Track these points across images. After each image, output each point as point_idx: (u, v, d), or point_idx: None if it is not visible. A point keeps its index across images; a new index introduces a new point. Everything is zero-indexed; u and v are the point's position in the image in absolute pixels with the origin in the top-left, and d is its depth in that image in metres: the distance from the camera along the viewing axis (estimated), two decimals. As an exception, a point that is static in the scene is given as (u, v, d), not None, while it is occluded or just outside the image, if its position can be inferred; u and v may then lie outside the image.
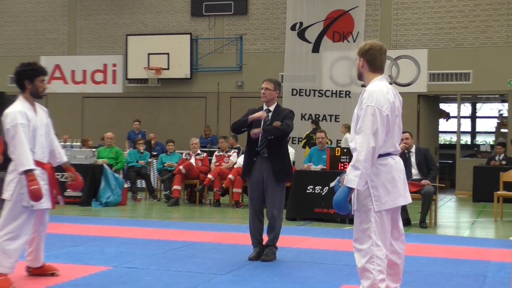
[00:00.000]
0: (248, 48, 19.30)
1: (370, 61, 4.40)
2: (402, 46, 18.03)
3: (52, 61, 20.59)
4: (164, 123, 19.75)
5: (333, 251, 7.64)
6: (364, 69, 4.42)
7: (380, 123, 4.19)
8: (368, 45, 4.43)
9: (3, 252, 5.37)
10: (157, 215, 11.97)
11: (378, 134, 4.17)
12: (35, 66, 5.69)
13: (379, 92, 4.25)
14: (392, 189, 4.28)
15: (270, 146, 6.98)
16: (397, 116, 4.35)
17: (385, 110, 4.22)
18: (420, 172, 10.51)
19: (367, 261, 4.24)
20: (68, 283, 5.69)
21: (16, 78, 5.66)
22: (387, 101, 4.25)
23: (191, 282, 5.82)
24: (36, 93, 5.63)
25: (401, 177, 4.37)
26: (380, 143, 4.20)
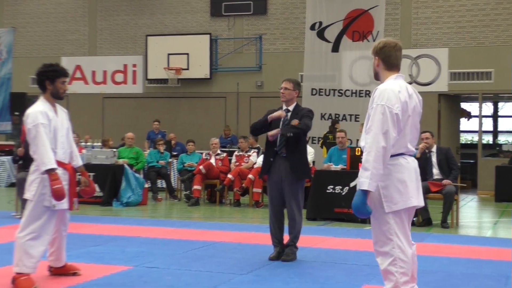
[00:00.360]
0: (267, 48, 19.30)
1: (384, 59, 4.32)
2: (423, 45, 17.92)
3: (73, 62, 20.72)
4: (184, 123, 19.79)
5: (353, 251, 7.61)
6: (380, 68, 4.34)
7: (390, 122, 4.10)
8: (382, 43, 4.36)
9: (25, 252, 5.39)
10: (178, 215, 11.99)
11: (388, 134, 4.08)
12: (56, 67, 5.71)
13: (390, 91, 4.17)
14: (404, 190, 4.19)
15: (288, 145, 6.97)
16: (410, 116, 4.23)
17: (396, 109, 4.12)
18: (441, 172, 10.44)
19: (390, 263, 4.19)
20: (90, 282, 5.72)
21: (38, 78, 5.69)
22: (398, 100, 4.15)
23: (211, 282, 5.82)
24: (57, 94, 5.64)
25: (413, 178, 4.27)
26: (391, 143, 4.11)
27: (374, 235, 4.29)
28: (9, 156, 16.77)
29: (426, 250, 7.73)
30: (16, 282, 5.39)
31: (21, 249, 5.41)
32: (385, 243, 4.20)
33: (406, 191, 4.20)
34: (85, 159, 13.14)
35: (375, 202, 4.20)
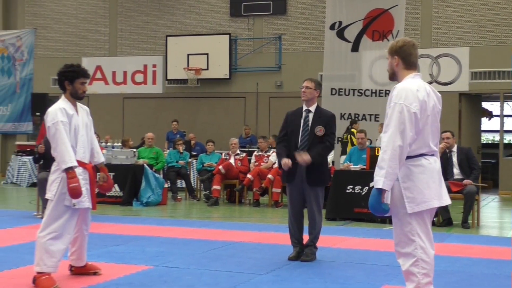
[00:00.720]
0: (287, 48, 19.28)
1: (405, 57, 4.30)
2: (443, 45, 17.81)
3: (93, 62, 20.85)
4: (203, 123, 19.82)
5: (373, 251, 7.58)
6: (399, 67, 4.31)
7: (408, 121, 4.07)
8: (401, 41, 4.33)
9: (46, 251, 5.40)
10: (197, 215, 12.01)
11: (406, 133, 4.05)
12: (76, 68, 5.73)
13: (408, 90, 4.14)
14: (426, 191, 4.15)
15: (310, 148, 6.94)
16: (429, 116, 4.20)
17: (414, 108, 4.10)
18: (462, 171, 10.40)
19: (412, 264, 4.16)
20: (110, 282, 5.72)
21: (58, 78, 5.74)
22: (417, 99, 4.12)
23: (231, 281, 5.81)
24: (76, 94, 5.65)
25: (435, 178, 4.22)
26: (408, 141, 4.07)
27: (395, 236, 4.26)
28: (31, 156, 16.88)
29: (447, 251, 7.69)
30: (37, 281, 5.42)
31: (42, 249, 5.42)
32: (407, 244, 4.18)
33: (428, 192, 4.17)
34: (106, 159, 13.21)
35: (396, 203, 4.19)
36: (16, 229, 9.11)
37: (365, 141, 12.21)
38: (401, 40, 4.37)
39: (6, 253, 7.07)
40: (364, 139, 12.14)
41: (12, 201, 14.73)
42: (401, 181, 4.15)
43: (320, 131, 6.90)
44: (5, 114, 20.24)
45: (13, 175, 17.69)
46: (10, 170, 17.96)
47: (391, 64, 4.34)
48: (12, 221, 10.00)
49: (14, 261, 6.56)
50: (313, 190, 6.94)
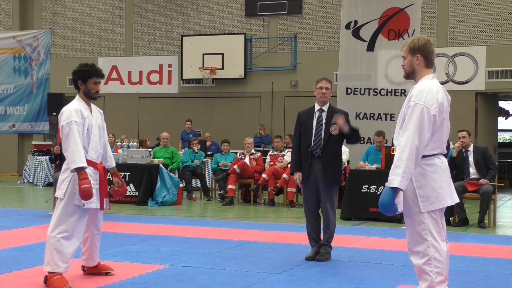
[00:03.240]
0: (302, 47, 19.25)
1: (427, 56, 4.29)
2: (460, 44, 17.70)
3: (109, 62, 20.95)
4: (219, 123, 19.85)
5: (389, 251, 7.56)
6: (420, 66, 4.29)
7: (427, 123, 4.09)
8: (422, 39, 4.31)
9: (57, 251, 5.38)
10: (212, 214, 12.03)
11: (423, 134, 4.08)
12: (89, 67, 5.70)
13: (429, 91, 4.15)
14: (439, 190, 4.19)
15: (325, 147, 6.93)
16: (445, 118, 4.23)
17: (433, 110, 4.12)
18: (478, 171, 10.34)
19: (425, 263, 4.16)
20: (126, 281, 5.73)
21: (72, 77, 5.75)
22: (436, 101, 4.14)
23: (246, 281, 5.82)
24: (88, 94, 5.64)
25: (447, 177, 4.27)
26: (424, 143, 4.10)
27: (408, 235, 4.27)
28: (47, 156, 16.97)
29: (463, 250, 7.65)
30: (49, 281, 5.41)
31: (52, 248, 5.39)
32: (419, 243, 4.19)
33: (442, 191, 4.20)
34: (121, 158, 13.28)
35: (409, 202, 4.20)
36: (33, 228, 9.14)
37: (383, 144, 12.12)
38: (421, 37, 4.35)
39: (23, 252, 7.11)
40: (382, 142, 12.08)
41: (29, 201, 14.82)
42: (415, 180, 4.16)
43: (335, 130, 6.88)
44: (22, 114, 20.34)
45: (30, 175, 17.82)
46: (26, 169, 18.10)
47: (410, 62, 4.31)
48: (28, 220, 10.06)
49: (30, 260, 6.59)
50: (327, 190, 6.93)
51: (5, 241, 7.84)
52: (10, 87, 20.32)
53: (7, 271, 6.04)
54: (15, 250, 7.24)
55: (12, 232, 8.75)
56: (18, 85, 20.24)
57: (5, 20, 22.17)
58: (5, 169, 20.39)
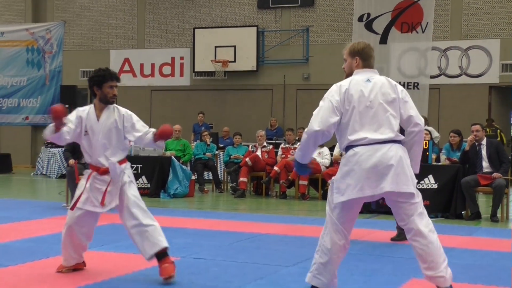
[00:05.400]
0: (314, 40, 19.20)
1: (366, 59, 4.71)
2: (473, 36, 17.61)
3: (121, 55, 21.02)
4: (230, 115, 19.84)
5: (401, 244, 7.51)
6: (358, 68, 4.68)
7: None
8: (362, 43, 4.78)
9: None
10: (224, 206, 12.02)
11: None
12: (103, 72, 5.62)
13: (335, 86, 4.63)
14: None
15: None
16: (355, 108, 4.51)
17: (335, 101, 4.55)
18: (491, 165, 10.27)
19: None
20: (138, 272, 5.76)
21: (88, 85, 5.68)
22: (338, 93, 4.59)
23: (257, 273, 5.81)
24: (105, 98, 5.57)
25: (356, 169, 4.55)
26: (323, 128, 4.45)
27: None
28: (60, 148, 17.03)
29: (475, 244, 7.62)
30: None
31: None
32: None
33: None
34: (133, 151, 13.31)
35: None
36: (46, 220, 9.19)
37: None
38: (361, 42, 4.83)
39: (37, 244, 7.14)
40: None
41: (42, 192, 14.90)
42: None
43: None
44: (35, 106, 20.47)
45: (43, 167, 17.91)
46: (40, 161, 18.18)
47: (350, 65, 4.74)
48: (41, 212, 10.10)
49: (44, 251, 6.63)
50: None
51: (19, 233, 7.88)
52: (23, 79, 20.48)
53: (21, 262, 6.08)
54: (29, 241, 7.28)
55: (26, 223, 8.80)
56: (31, 78, 20.39)
57: (18, 12, 22.24)
58: (18, 161, 20.50)
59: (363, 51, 4.67)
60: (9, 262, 6.09)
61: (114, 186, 5.49)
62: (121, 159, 5.62)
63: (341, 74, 16.52)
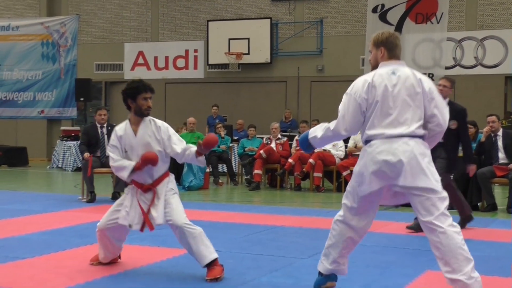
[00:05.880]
0: (328, 32, 19.11)
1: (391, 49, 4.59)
2: (489, 27, 17.47)
3: (135, 48, 21.04)
4: (245, 107, 19.81)
5: (416, 236, 7.48)
6: (384, 59, 4.54)
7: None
8: (386, 33, 4.63)
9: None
10: (239, 199, 12.02)
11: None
12: (136, 83, 5.50)
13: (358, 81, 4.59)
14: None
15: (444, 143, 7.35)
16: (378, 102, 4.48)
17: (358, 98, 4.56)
18: (507, 156, 10.24)
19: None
20: (153, 264, 5.78)
21: (122, 98, 5.56)
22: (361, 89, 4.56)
23: (272, 265, 5.81)
24: (140, 111, 5.45)
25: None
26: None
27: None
28: (75, 141, 17.12)
29: (491, 236, 7.58)
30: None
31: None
32: None
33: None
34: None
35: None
36: (62, 212, 9.23)
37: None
38: (386, 32, 4.68)
39: (53, 236, 7.19)
40: None
41: (58, 185, 14.95)
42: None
43: (453, 124, 7.24)
44: (50, 99, 20.56)
45: (59, 160, 17.96)
46: (55, 154, 18.24)
47: (375, 56, 4.60)
48: (57, 205, 10.13)
49: (60, 244, 6.68)
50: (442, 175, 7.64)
51: (35, 225, 7.93)
52: (38, 73, 20.57)
53: (38, 254, 6.12)
54: (45, 234, 7.33)
55: (42, 216, 8.85)
56: (46, 71, 20.48)
57: (33, 6, 22.32)
58: (34, 154, 20.60)
59: (388, 41, 4.54)
60: (26, 254, 6.11)
61: (159, 201, 5.42)
62: (163, 172, 5.57)
63: (355, 65, 16.71)
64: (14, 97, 20.87)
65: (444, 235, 4.25)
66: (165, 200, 5.41)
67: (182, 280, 5.29)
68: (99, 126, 10.92)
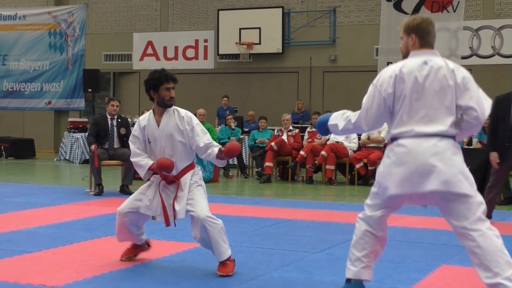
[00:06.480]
0: (341, 21, 18.92)
1: (423, 36, 4.22)
2: (507, 15, 17.24)
3: (144, 38, 20.91)
4: (256, 99, 19.66)
5: (430, 230, 7.38)
6: (415, 48, 4.20)
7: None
8: (418, 18, 4.25)
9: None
10: (249, 192, 11.96)
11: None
12: (158, 74, 5.44)
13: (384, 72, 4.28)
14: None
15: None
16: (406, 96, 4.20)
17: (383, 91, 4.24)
18: (525, 148, 10.02)
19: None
20: (162, 259, 5.74)
21: (145, 88, 5.51)
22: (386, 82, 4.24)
23: (284, 259, 5.75)
24: (163, 102, 5.38)
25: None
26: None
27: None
28: (83, 132, 17.02)
29: (508, 230, 7.40)
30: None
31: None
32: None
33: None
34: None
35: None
36: (70, 205, 9.18)
37: None
38: (418, 17, 4.28)
39: (60, 230, 7.15)
40: None
41: (65, 178, 14.89)
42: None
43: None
44: (58, 90, 20.51)
45: (66, 152, 17.87)
46: (63, 146, 18.17)
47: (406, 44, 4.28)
48: (65, 197, 10.10)
49: (67, 237, 6.65)
50: None
51: (43, 218, 7.91)
52: (46, 63, 20.54)
53: (45, 248, 6.09)
54: (53, 227, 7.30)
55: (50, 209, 8.80)
56: (54, 62, 20.46)
57: (41, -5, 22.24)
58: (41, 146, 20.59)
59: (420, 27, 4.16)
60: (33, 248, 6.08)
61: (182, 194, 5.35)
62: (188, 164, 5.45)
63: (369, 55, 16.37)
64: (21, 88, 20.81)
65: (482, 238, 3.96)
66: (189, 192, 5.35)
67: (191, 275, 5.24)
68: (109, 118, 10.79)
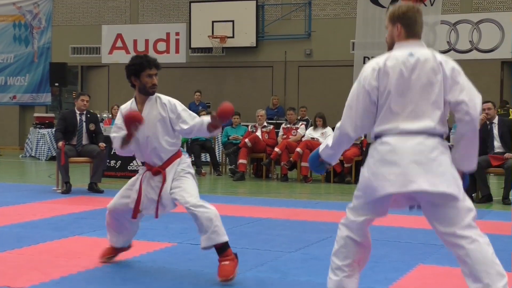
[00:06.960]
0: (317, 14, 18.87)
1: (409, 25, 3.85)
2: (485, 9, 17.34)
3: (113, 30, 20.64)
4: (229, 94, 19.45)
5: (408, 228, 7.33)
6: (400, 38, 3.84)
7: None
8: (404, 6, 3.88)
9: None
10: (222, 190, 11.94)
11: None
12: (139, 59, 5.24)
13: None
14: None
15: None
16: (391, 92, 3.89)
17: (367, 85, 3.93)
18: (503, 145, 10.06)
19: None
20: (132, 259, 5.66)
21: (126, 74, 5.27)
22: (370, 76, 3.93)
23: (258, 259, 5.72)
24: (144, 89, 5.19)
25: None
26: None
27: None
28: (50, 128, 16.80)
29: (486, 228, 7.11)
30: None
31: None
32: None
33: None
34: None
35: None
36: (36, 204, 9.08)
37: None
38: (404, 5, 3.92)
39: (26, 229, 7.05)
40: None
41: (31, 176, 14.76)
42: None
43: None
44: (23, 85, 20.32)
45: (32, 148, 17.65)
46: (28, 143, 17.95)
47: (391, 33, 3.91)
48: (31, 196, 10.00)
49: (33, 237, 6.56)
50: None
51: (7, 217, 7.80)
52: (10, 56, 20.41)
53: (9, 249, 6.00)
54: (18, 227, 7.22)
55: (15, 208, 8.67)
56: (19, 54, 20.40)
57: (5, -14, 21.84)
58: (6, 142, 20.42)
59: (406, 16, 3.82)
60: None
61: (166, 185, 5.18)
62: (174, 153, 5.26)
63: (345, 50, 16.03)
64: (-17, 82, 20.53)
65: (472, 245, 3.67)
66: (176, 180, 5.18)
67: (162, 275, 5.19)
68: (78, 113, 10.62)
